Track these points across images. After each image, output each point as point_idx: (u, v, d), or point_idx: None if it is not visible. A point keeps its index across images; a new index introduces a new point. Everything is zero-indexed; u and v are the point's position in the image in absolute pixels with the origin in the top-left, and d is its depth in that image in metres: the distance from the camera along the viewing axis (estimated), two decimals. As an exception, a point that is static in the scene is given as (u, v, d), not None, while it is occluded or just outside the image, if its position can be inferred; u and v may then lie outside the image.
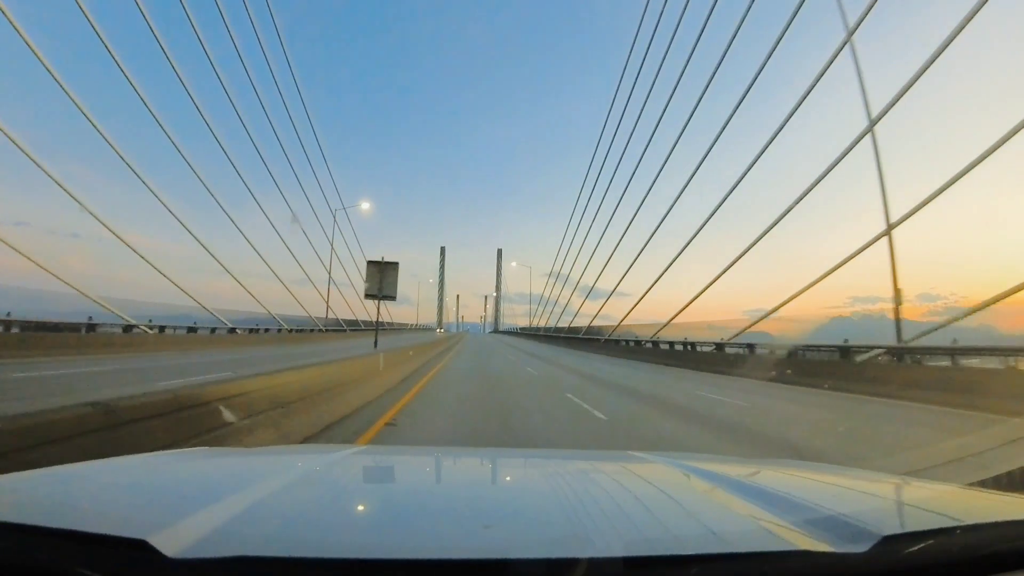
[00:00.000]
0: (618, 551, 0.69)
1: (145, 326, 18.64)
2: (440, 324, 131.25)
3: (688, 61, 20.89)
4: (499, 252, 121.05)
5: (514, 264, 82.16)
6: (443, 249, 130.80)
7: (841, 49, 14.10)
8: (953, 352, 10.71)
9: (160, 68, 19.80)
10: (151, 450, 2.69)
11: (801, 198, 15.13)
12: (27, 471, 1.01)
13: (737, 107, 18.66)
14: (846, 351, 13.23)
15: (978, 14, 10.67)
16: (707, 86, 19.36)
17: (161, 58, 19.55)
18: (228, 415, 3.57)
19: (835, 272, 13.71)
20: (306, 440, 4.71)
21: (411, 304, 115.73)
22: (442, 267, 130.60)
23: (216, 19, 23.30)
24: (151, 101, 19.24)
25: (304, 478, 1.16)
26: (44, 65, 14.16)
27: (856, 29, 13.66)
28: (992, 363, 10.25)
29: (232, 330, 24.20)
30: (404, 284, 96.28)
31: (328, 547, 0.69)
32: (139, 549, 0.60)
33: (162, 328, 19.65)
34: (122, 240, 17.76)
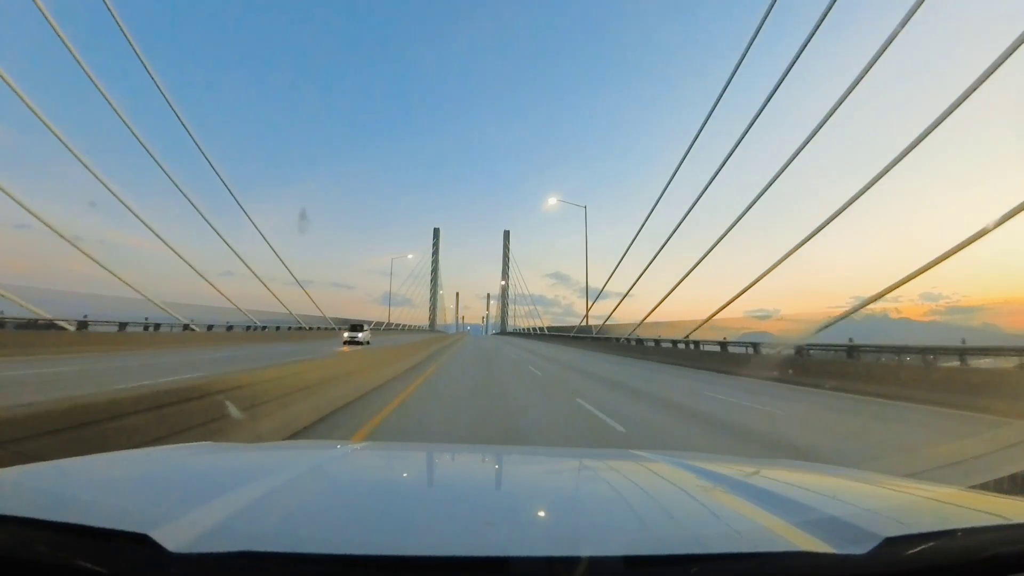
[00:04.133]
0: (618, 550, 0.69)
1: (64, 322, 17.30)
2: (433, 324, 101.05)
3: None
4: (506, 234, 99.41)
5: (553, 200, 41.90)
6: (437, 231, 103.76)
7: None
8: (960, 352, 10.67)
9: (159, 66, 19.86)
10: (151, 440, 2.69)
11: (769, 179, 15.06)
12: (29, 464, 1.01)
13: (715, 103, 18.63)
14: (852, 350, 13.16)
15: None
16: (741, 94, 19.11)
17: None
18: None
19: (836, 272, 13.71)
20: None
21: (412, 304, 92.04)
22: (435, 254, 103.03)
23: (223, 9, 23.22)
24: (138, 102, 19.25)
25: (306, 474, 1.16)
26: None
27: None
28: (996, 363, 10.21)
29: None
30: (404, 284, 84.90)
31: (330, 543, 0.69)
32: (141, 543, 0.60)
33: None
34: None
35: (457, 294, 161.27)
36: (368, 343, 27.79)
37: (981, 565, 0.70)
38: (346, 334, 30.14)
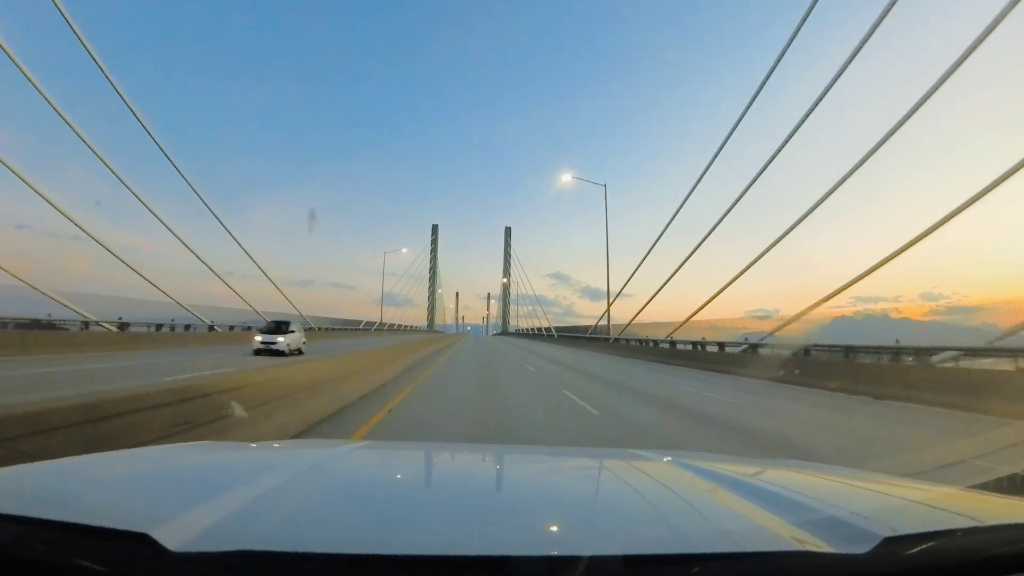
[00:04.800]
0: (618, 549, 0.69)
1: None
2: (432, 324, 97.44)
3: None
4: (507, 230, 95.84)
5: (567, 178, 35.73)
6: (435, 227, 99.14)
7: (848, 62, 14.08)
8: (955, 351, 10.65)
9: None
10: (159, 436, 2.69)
11: (817, 205, 15.02)
12: (30, 463, 1.01)
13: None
14: (849, 351, 12.98)
15: (989, 31, 10.69)
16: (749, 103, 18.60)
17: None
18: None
19: (836, 272, 13.72)
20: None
21: (412, 304, 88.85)
22: (434, 251, 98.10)
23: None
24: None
25: (306, 473, 1.16)
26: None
27: (865, 41, 13.63)
28: (997, 364, 10.20)
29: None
30: (402, 284, 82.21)
31: (330, 542, 0.69)
32: (141, 542, 0.60)
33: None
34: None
35: (457, 294, 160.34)
36: (299, 352, 18.07)
37: (981, 565, 0.70)
38: (257, 338, 17.39)
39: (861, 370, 11.95)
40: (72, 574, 0.61)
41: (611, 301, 32.42)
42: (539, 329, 71.82)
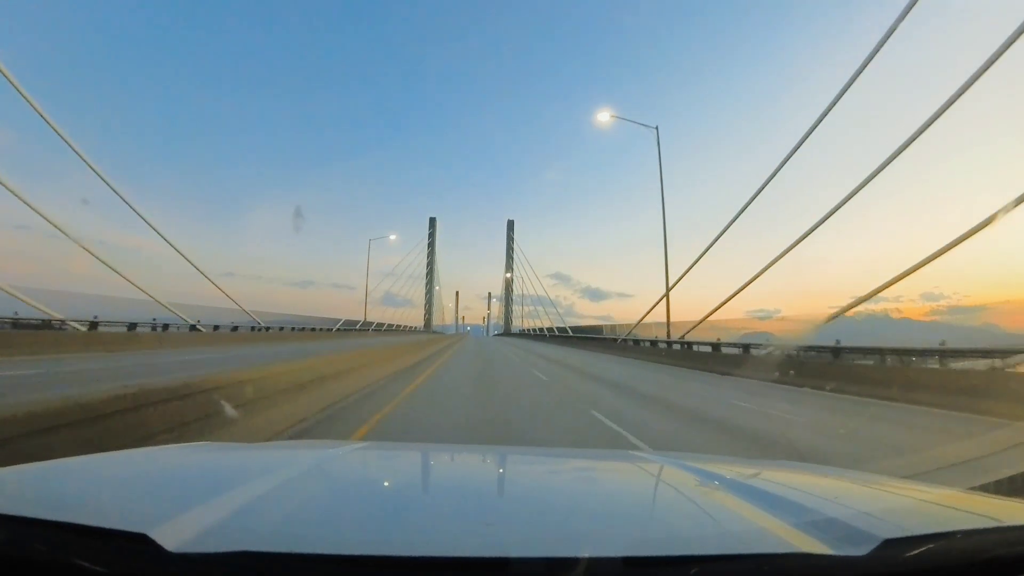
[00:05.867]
0: (618, 550, 0.69)
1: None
2: (429, 323, 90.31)
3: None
4: (510, 224, 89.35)
5: (605, 116, 24.53)
6: (432, 220, 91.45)
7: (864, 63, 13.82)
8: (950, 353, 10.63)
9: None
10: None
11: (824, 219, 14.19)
12: (28, 464, 1.01)
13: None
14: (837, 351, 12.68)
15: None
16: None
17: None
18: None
19: (837, 272, 13.52)
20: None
21: (412, 304, 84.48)
22: (431, 246, 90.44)
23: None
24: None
25: (305, 473, 1.16)
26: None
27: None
28: (997, 365, 10.18)
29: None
30: (403, 284, 76.89)
31: (329, 543, 0.69)
32: (140, 542, 0.60)
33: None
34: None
35: (457, 293, 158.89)
36: None
37: (980, 567, 0.70)
38: None
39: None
40: (71, 574, 0.61)
41: (670, 286, 22.61)
42: (543, 329, 63.45)
